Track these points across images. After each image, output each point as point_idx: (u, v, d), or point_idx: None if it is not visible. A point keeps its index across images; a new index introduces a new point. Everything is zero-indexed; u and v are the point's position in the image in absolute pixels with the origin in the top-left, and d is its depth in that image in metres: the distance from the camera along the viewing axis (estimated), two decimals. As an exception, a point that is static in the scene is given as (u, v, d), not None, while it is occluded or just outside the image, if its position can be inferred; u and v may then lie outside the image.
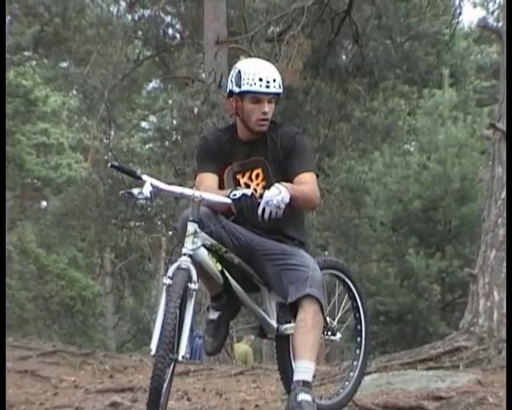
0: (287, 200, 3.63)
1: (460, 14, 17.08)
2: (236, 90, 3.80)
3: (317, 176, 3.92)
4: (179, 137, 17.91)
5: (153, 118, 23.90)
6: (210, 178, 3.91)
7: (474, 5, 27.04)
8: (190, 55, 18.17)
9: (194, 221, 3.63)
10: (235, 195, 3.63)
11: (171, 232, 18.82)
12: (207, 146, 3.99)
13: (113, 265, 26.26)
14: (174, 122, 19.73)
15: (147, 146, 24.60)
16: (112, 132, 17.50)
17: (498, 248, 7.31)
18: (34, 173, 24.75)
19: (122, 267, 25.58)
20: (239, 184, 3.90)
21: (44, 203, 30.13)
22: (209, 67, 13.76)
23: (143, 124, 24.76)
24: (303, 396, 3.60)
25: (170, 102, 19.29)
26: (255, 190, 3.85)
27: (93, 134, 20.56)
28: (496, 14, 24.11)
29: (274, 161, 3.89)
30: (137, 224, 19.76)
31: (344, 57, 17.05)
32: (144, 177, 3.64)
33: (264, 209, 3.61)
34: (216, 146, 3.95)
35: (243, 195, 3.62)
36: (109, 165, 3.82)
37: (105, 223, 17.39)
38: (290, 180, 3.79)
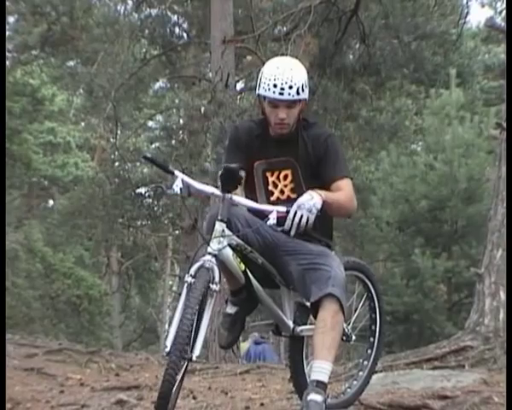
0: (319, 206, 3.60)
1: (467, 13, 16.95)
2: (257, 91, 3.81)
3: (351, 179, 3.88)
4: (186, 137, 17.90)
5: (159, 117, 23.89)
6: None
7: (482, 5, 26.98)
8: (197, 55, 18.17)
9: (222, 221, 3.61)
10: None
11: (177, 231, 18.81)
12: (237, 137, 3.97)
13: (119, 264, 26.27)
14: (181, 121, 19.73)
15: (153, 145, 24.60)
16: (118, 131, 17.44)
17: (505, 248, 7.29)
18: (41, 172, 24.86)
19: (128, 266, 25.59)
20: (267, 182, 3.89)
21: (51, 202, 30.24)
22: (216, 66, 13.75)
23: (150, 123, 24.74)
24: (312, 396, 3.60)
25: (176, 101, 19.26)
26: (282, 192, 3.87)
27: (100, 133, 20.61)
28: (503, 13, 24.05)
29: (305, 164, 3.85)
30: (144, 223, 19.76)
31: (351, 57, 16.97)
32: (176, 172, 3.63)
33: (295, 213, 3.59)
34: (246, 138, 3.93)
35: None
36: (142, 156, 3.81)
37: (111, 222, 17.37)
38: (325, 187, 3.75)
